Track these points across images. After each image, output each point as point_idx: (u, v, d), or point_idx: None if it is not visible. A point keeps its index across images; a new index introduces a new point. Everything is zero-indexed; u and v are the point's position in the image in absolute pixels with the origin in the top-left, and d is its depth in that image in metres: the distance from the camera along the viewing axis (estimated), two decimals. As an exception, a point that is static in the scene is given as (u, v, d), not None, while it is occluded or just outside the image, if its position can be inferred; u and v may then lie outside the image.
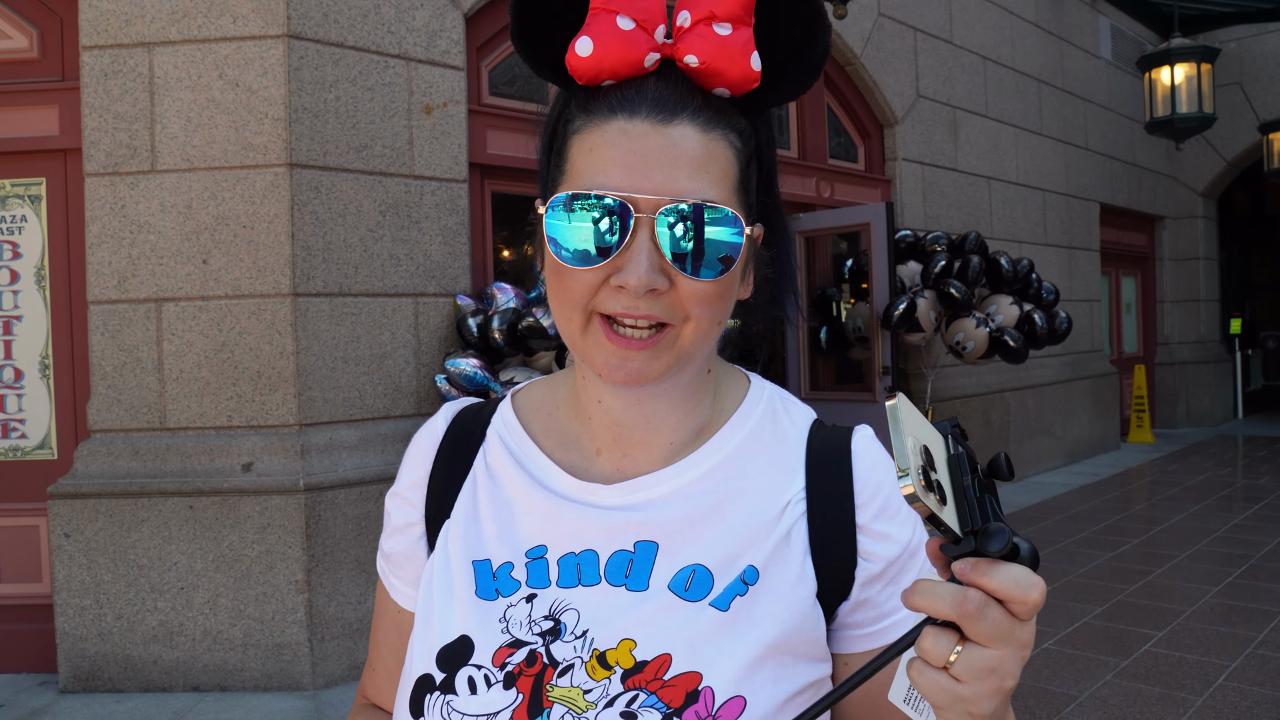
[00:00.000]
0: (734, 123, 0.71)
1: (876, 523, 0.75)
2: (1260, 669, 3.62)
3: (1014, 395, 8.04)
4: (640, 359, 0.69)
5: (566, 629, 0.71)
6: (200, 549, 3.66)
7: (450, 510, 0.80)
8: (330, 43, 3.89)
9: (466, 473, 0.81)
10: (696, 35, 0.68)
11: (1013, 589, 0.52)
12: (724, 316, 0.73)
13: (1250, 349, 13.71)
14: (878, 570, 0.75)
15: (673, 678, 0.68)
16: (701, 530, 0.74)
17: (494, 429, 0.83)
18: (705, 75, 0.69)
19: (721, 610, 0.70)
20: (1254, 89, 11.13)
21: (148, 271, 3.77)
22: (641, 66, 0.68)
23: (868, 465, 0.77)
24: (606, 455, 0.79)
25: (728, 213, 0.68)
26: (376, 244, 4.01)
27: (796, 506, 0.75)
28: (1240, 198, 13.60)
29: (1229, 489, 7.51)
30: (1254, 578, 4.88)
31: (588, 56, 0.68)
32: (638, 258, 0.66)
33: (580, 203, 0.67)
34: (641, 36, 0.68)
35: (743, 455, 0.78)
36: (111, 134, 3.76)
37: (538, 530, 0.76)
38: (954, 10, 7.58)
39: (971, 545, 0.54)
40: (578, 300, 0.70)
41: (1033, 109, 8.66)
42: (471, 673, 0.71)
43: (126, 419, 3.78)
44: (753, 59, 0.69)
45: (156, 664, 3.65)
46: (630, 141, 0.67)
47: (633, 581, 0.72)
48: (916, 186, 7.11)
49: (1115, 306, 11.03)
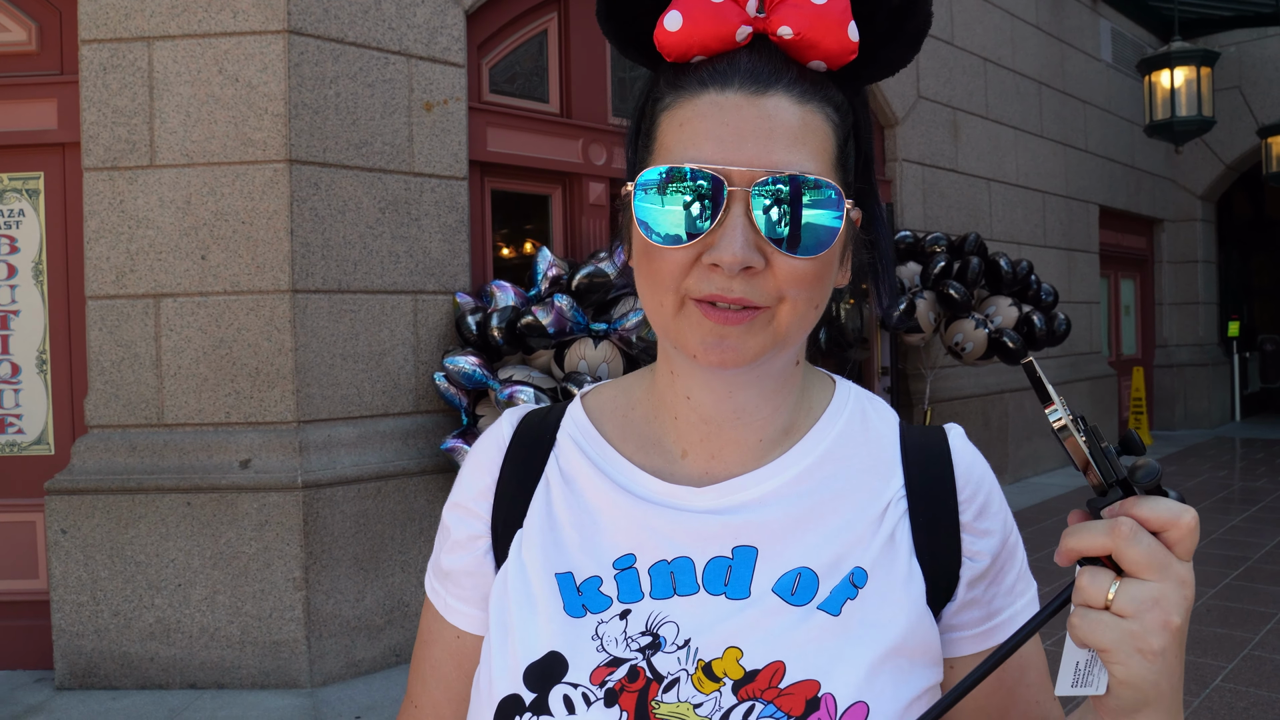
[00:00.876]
0: (831, 96, 0.68)
1: (979, 521, 0.74)
2: (1257, 670, 3.62)
3: (1013, 396, 8.04)
4: (736, 334, 0.66)
5: (667, 641, 0.67)
6: (198, 546, 3.65)
7: (521, 520, 0.75)
8: (330, 39, 3.88)
9: (538, 479, 0.77)
10: (790, 6, 0.65)
11: (1164, 514, 0.53)
12: (822, 300, 0.70)
13: (1248, 352, 13.71)
14: (982, 568, 0.73)
15: (789, 686, 0.65)
16: (802, 533, 0.71)
17: (565, 432, 0.79)
18: (800, 47, 0.66)
19: (833, 614, 0.67)
20: (1253, 93, 11.14)
21: (146, 267, 3.76)
22: (733, 40, 0.66)
23: (967, 463, 0.76)
24: (693, 457, 0.75)
25: (827, 186, 0.65)
26: (376, 241, 4.00)
27: (898, 506, 0.73)
28: (1239, 201, 13.61)
29: (1226, 491, 7.52)
30: (1251, 580, 4.88)
31: (676, 31, 0.66)
32: (731, 234, 0.63)
33: (671, 179, 0.64)
34: (732, 9, 0.65)
35: (836, 455, 0.75)
36: (110, 128, 3.75)
37: (625, 538, 0.72)
38: (955, 12, 7.58)
39: (1119, 495, 0.55)
40: (668, 283, 0.66)
41: (1033, 111, 8.67)
42: (567, 691, 0.66)
43: (124, 415, 3.77)
44: (850, 29, 0.66)
45: (153, 661, 3.64)
46: (723, 114, 0.65)
47: (733, 589, 0.69)
48: (916, 187, 7.11)
49: (1114, 309, 11.03)
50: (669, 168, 0.64)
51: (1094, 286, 9.78)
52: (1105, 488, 0.55)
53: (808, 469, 0.73)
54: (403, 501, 3.95)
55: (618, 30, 0.71)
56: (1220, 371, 12.19)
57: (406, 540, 3.96)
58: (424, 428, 4.11)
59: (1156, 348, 11.73)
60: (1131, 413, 10.61)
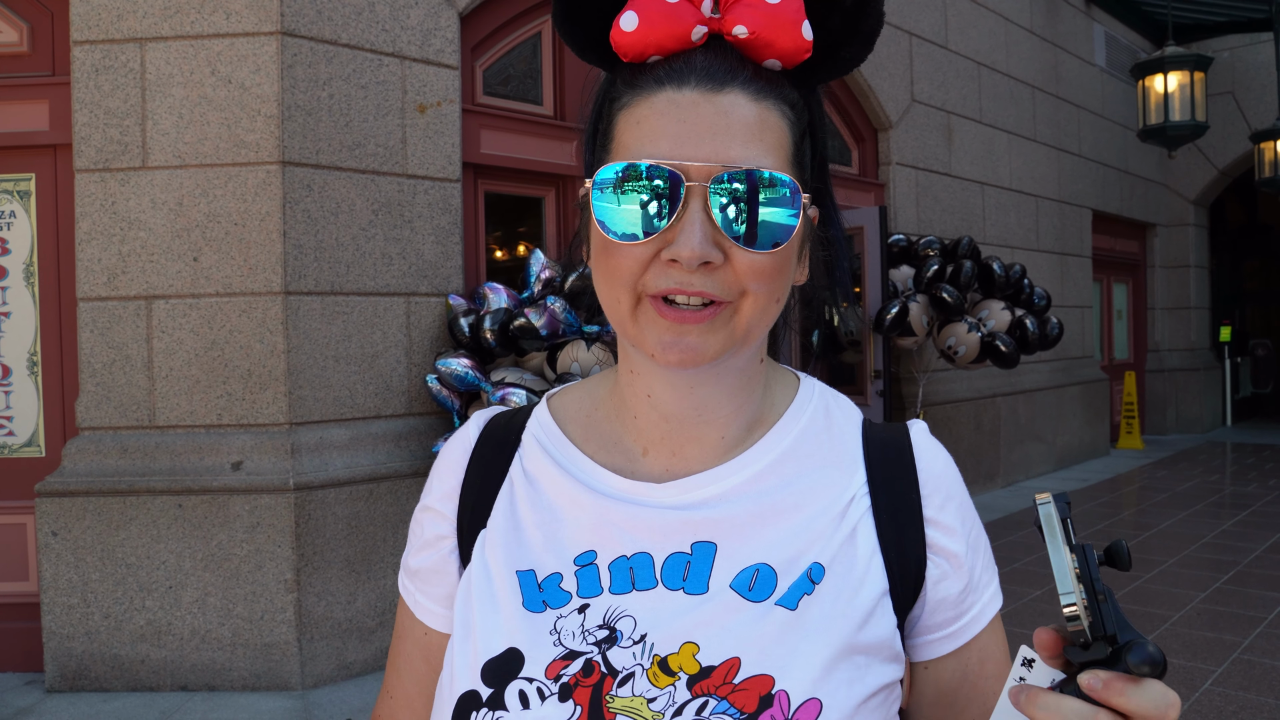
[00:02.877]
0: (786, 95, 0.69)
1: (943, 514, 0.74)
2: (1246, 674, 3.63)
3: (1005, 400, 8.06)
4: (696, 333, 0.66)
5: (623, 635, 0.67)
6: (189, 548, 3.64)
7: (485, 520, 0.76)
8: (324, 40, 3.88)
9: (502, 480, 0.78)
10: (745, 5, 0.66)
11: (1150, 711, 0.49)
12: (782, 295, 0.70)
13: (1240, 357, 13.77)
14: (949, 565, 0.73)
15: (743, 681, 0.64)
16: (761, 529, 0.71)
17: (530, 433, 0.79)
18: (755, 46, 0.67)
19: (790, 609, 0.67)
20: (1246, 98, 11.19)
21: (138, 269, 3.75)
22: (689, 40, 0.66)
23: (929, 456, 0.76)
24: (654, 455, 0.75)
25: (784, 182, 0.65)
26: (369, 243, 4.00)
27: (860, 502, 0.73)
28: (1232, 206, 13.67)
29: (1217, 495, 7.54)
30: (1241, 584, 4.90)
31: (632, 31, 0.66)
32: (690, 229, 0.63)
33: (628, 176, 0.64)
34: (688, 9, 0.66)
35: (799, 452, 0.75)
36: (102, 130, 3.75)
37: (587, 535, 0.72)
38: (949, 16, 7.60)
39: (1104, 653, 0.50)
40: (626, 279, 0.66)
41: (1027, 115, 8.69)
42: (522, 686, 0.66)
43: (115, 417, 3.76)
44: (804, 28, 0.67)
45: (144, 663, 3.63)
46: (679, 111, 0.65)
47: (691, 584, 0.69)
48: (910, 191, 7.13)
49: (1106, 313, 11.07)
50: (626, 165, 0.65)
51: (1087, 291, 9.81)
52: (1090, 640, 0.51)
53: (769, 466, 0.74)
54: (395, 504, 3.94)
55: (575, 33, 0.71)
56: (1212, 376, 12.23)
57: (398, 542, 3.95)
58: (416, 430, 4.11)
59: (1149, 352, 11.77)
60: (1123, 417, 10.64)
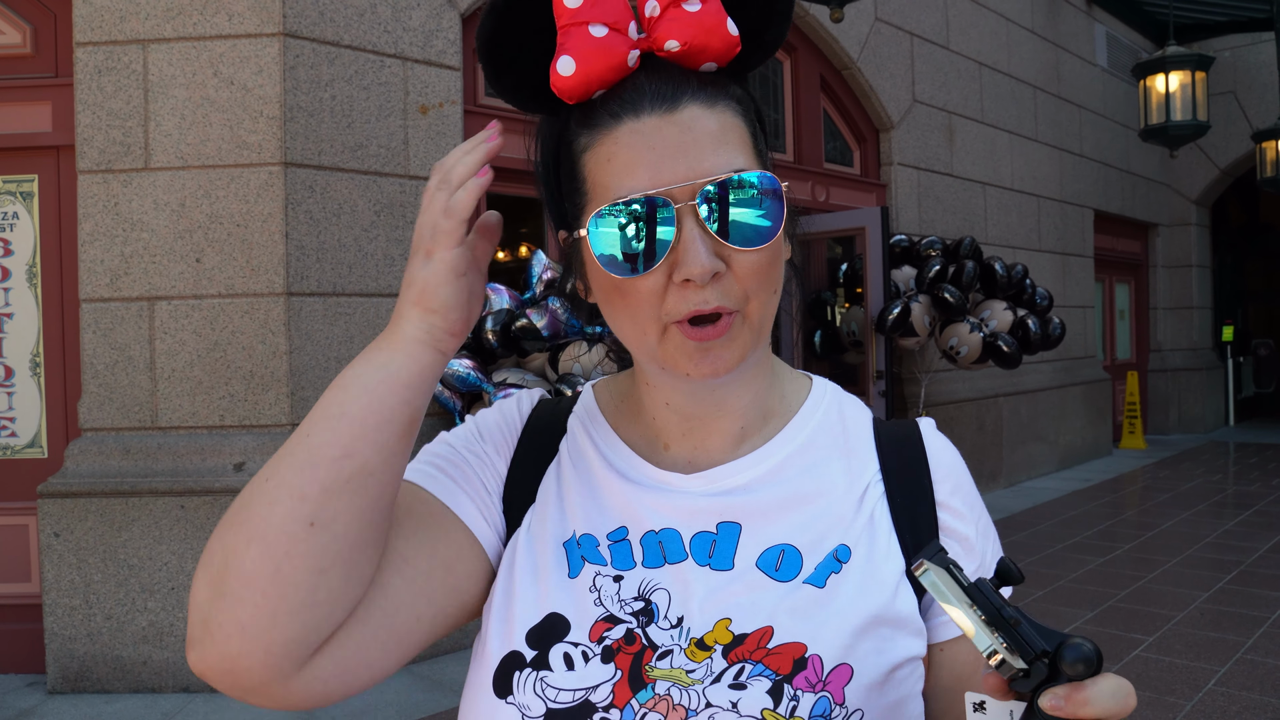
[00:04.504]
0: (732, 91, 0.71)
1: (953, 499, 0.77)
2: (1250, 674, 3.63)
3: (1007, 400, 8.06)
4: (719, 345, 0.68)
5: (659, 612, 0.70)
6: (191, 549, 3.64)
7: (533, 495, 0.79)
8: (326, 42, 3.88)
9: (549, 460, 0.81)
10: (669, 20, 0.67)
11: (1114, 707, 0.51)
12: (779, 283, 0.73)
13: (1242, 356, 13.75)
14: (960, 547, 0.76)
15: (776, 647, 0.68)
16: (785, 514, 0.74)
17: (576, 417, 0.83)
18: (690, 56, 0.68)
19: (819, 587, 0.71)
20: (1248, 98, 11.18)
21: (140, 270, 3.76)
22: (626, 67, 0.67)
23: (938, 447, 0.81)
24: (676, 449, 0.79)
25: (759, 177, 0.68)
26: (371, 244, 4.00)
27: (875, 489, 0.77)
28: (1234, 206, 13.65)
29: (1220, 495, 7.53)
30: (1244, 584, 4.90)
31: (571, 75, 0.67)
32: (693, 247, 0.66)
33: (619, 214, 0.66)
34: (617, 38, 0.67)
35: (816, 444, 0.79)
36: (105, 131, 3.75)
37: (619, 513, 0.76)
38: (950, 16, 7.60)
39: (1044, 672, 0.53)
40: (648, 311, 0.68)
41: (1028, 115, 8.69)
42: (567, 649, 0.69)
43: (118, 418, 3.76)
44: (729, 26, 0.68)
45: (146, 664, 3.64)
46: (645, 139, 0.67)
47: (717, 560, 0.72)
48: (912, 191, 7.12)
49: (1109, 313, 11.06)
50: (612, 205, 0.66)
51: (1089, 291, 9.80)
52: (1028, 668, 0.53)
53: (789, 457, 0.77)
54: (397, 505, 3.94)
55: (511, 88, 0.72)
56: (1214, 376, 12.22)
57: (401, 543, 3.95)
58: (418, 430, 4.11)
59: (1151, 352, 11.76)
60: (1126, 417, 10.63)
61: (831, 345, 6.36)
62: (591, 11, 0.67)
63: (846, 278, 6.37)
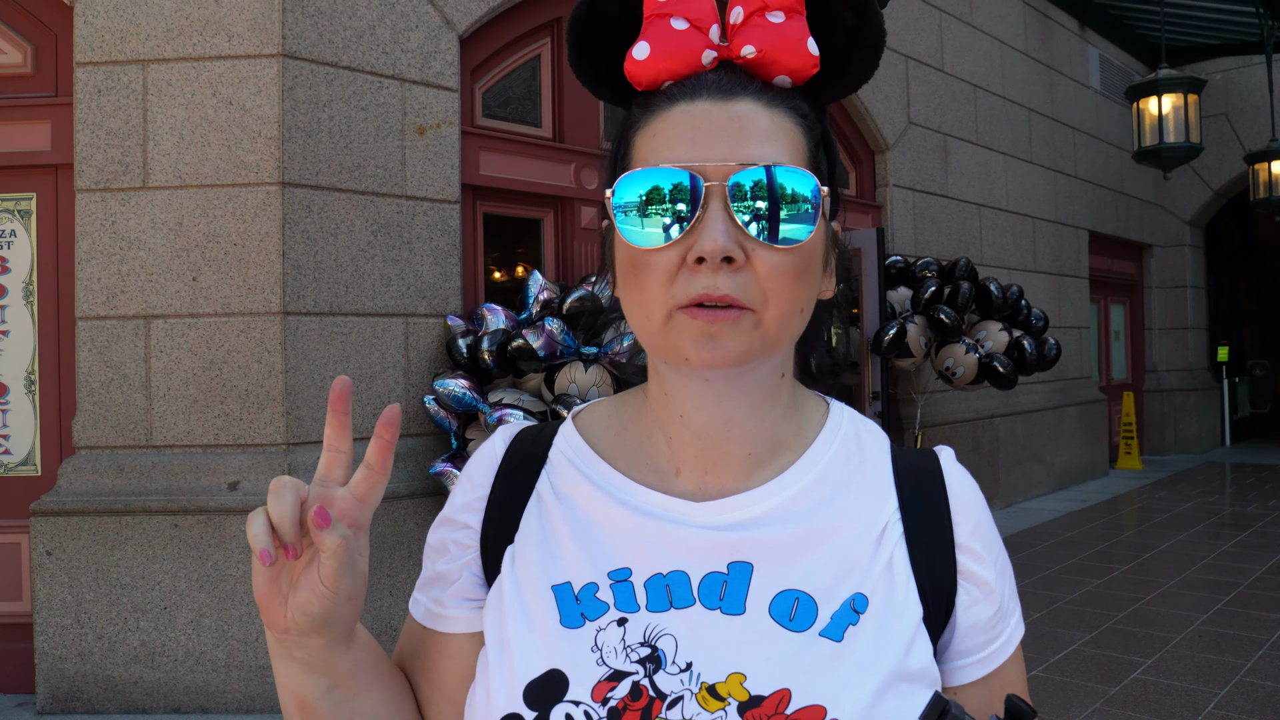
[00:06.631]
0: (798, 106, 0.70)
1: (974, 540, 0.74)
2: (1249, 697, 3.61)
3: (1003, 421, 8.06)
4: (725, 331, 0.65)
5: (667, 659, 0.67)
6: (184, 568, 3.62)
7: (512, 535, 0.75)
8: (325, 63, 3.90)
9: (529, 495, 0.77)
10: (751, 26, 0.68)
11: None
12: (806, 304, 0.70)
13: (1238, 377, 13.78)
14: (979, 591, 0.73)
15: (795, 712, 0.64)
16: (799, 555, 0.70)
17: (558, 450, 0.79)
18: (764, 65, 0.68)
19: (835, 641, 0.67)
20: (1240, 120, 11.27)
21: (137, 288, 3.76)
22: (699, 64, 0.68)
23: (959, 483, 0.77)
24: (687, 473, 0.74)
25: (802, 174, 0.66)
26: (367, 264, 4.01)
27: (894, 529, 0.73)
28: (1227, 226, 13.73)
29: (1217, 516, 7.53)
30: (1242, 605, 4.88)
31: (645, 59, 0.69)
32: (712, 226, 0.63)
33: (648, 182, 0.65)
34: (697, 35, 0.68)
35: (833, 476, 0.75)
36: (104, 150, 3.76)
37: (622, 550, 0.71)
38: (945, 39, 7.66)
39: None
40: (656, 291, 0.66)
41: (1023, 137, 8.75)
42: (569, 710, 0.65)
43: (112, 436, 3.75)
44: (809, 44, 0.68)
45: (137, 685, 3.61)
46: (693, 119, 0.66)
47: (728, 604, 0.68)
48: (907, 213, 7.16)
49: (1104, 333, 11.09)
50: (644, 170, 0.66)
51: (1084, 311, 9.83)
52: None
53: (805, 489, 0.73)
54: (392, 524, 3.93)
55: (589, 70, 0.74)
56: (1210, 396, 12.24)
57: (395, 564, 3.93)
58: (414, 451, 4.10)
59: (1146, 372, 11.78)
60: (1122, 437, 10.63)
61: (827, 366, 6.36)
62: (678, 6, 0.68)
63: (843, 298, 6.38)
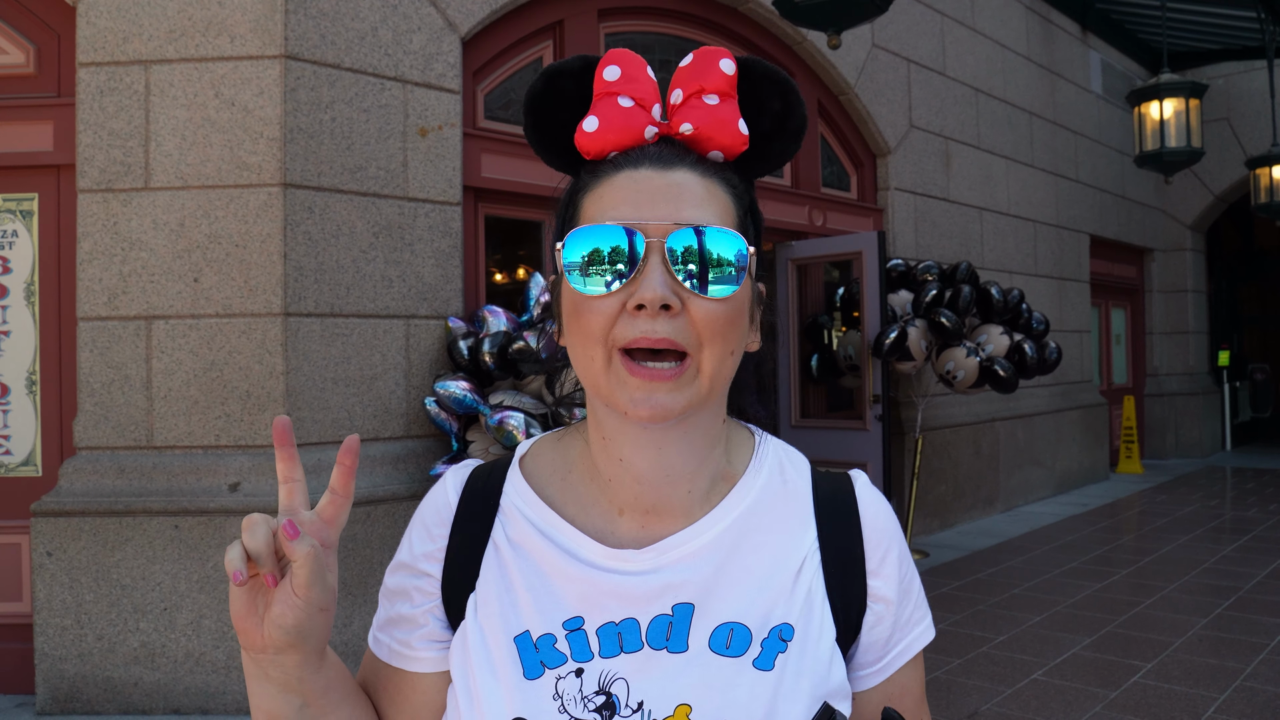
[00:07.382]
0: (729, 178, 0.78)
1: (884, 566, 0.82)
2: (1249, 701, 3.61)
3: (1004, 424, 8.06)
4: (664, 390, 0.71)
5: (620, 703, 0.73)
6: (184, 569, 3.62)
7: (474, 582, 0.79)
8: (327, 64, 3.91)
9: (485, 543, 0.81)
10: (689, 107, 0.77)
11: None
12: (737, 349, 0.75)
13: (1238, 381, 13.77)
14: (883, 610, 0.81)
15: None
16: (730, 587, 0.77)
17: (508, 499, 0.83)
18: (699, 140, 0.77)
19: (767, 670, 0.74)
20: (1241, 124, 11.27)
21: (138, 289, 3.76)
22: (642, 138, 0.77)
23: (872, 512, 0.84)
24: (629, 516, 0.80)
25: (732, 235, 0.73)
26: (369, 265, 4.01)
27: (813, 559, 0.80)
28: (1228, 231, 13.73)
29: (1217, 520, 7.52)
30: (1243, 610, 4.88)
31: (594, 132, 0.76)
32: (651, 277, 0.70)
33: (595, 237, 0.72)
34: (640, 113, 0.77)
35: (759, 509, 0.81)
36: (106, 150, 3.77)
37: (574, 601, 0.76)
38: (947, 43, 7.67)
39: None
40: (597, 334, 0.72)
41: (1024, 141, 8.75)
42: None
43: (113, 437, 3.75)
44: (739, 124, 0.77)
45: (137, 686, 3.60)
46: (636, 184, 0.74)
47: (673, 643, 0.75)
48: (908, 216, 7.16)
49: (1105, 337, 11.09)
50: (592, 226, 0.73)
51: (1085, 315, 9.83)
52: None
53: (733, 524, 0.79)
54: (392, 526, 3.93)
55: (543, 141, 0.82)
56: (1211, 401, 12.24)
57: (395, 565, 3.93)
58: (414, 452, 4.10)
59: (1147, 377, 11.78)
60: (1123, 442, 10.63)
61: (828, 369, 6.37)
62: (624, 86, 0.77)
63: (843, 302, 6.39)
